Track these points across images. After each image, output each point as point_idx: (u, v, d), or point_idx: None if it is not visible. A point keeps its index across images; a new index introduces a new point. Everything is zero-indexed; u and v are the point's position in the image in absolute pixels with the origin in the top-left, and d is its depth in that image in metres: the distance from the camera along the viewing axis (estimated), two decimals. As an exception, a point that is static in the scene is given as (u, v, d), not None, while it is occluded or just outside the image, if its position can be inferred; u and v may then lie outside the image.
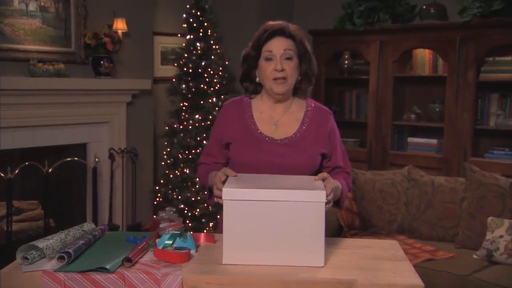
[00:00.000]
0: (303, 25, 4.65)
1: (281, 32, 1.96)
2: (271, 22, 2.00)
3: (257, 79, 2.04)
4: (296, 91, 2.06)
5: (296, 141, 2.01)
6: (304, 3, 5.51)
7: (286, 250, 1.68)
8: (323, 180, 1.81)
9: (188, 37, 4.85)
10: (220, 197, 1.71)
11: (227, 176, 1.83)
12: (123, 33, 4.46)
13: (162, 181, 4.91)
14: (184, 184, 4.79)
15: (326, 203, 1.70)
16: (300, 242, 1.67)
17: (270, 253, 1.68)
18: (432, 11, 4.57)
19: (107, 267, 1.61)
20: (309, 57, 2.02)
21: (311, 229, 1.67)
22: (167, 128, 4.93)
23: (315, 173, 1.96)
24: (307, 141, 2.01)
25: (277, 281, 1.59)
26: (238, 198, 1.67)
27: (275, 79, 1.97)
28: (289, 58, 1.96)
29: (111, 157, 4.51)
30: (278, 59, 1.95)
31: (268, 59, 1.97)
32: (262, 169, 1.94)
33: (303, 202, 1.66)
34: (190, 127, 4.77)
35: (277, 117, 2.05)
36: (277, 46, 1.96)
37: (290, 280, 1.59)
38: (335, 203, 2.00)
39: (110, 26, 4.37)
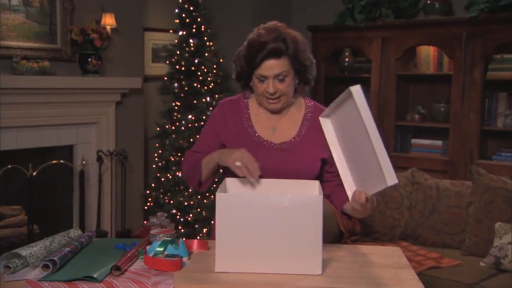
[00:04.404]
0: (301, 21, 4.70)
1: (273, 54, 1.91)
2: (263, 32, 1.94)
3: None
4: (295, 91, 2.06)
5: (295, 145, 2.02)
6: (302, -2, 5.53)
7: (281, 258, 1.68)
8: (366, 199, 1.75)
9: (180, 33, 4.85)
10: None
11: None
12: (112, 28, 4.46)
13: (153, 185, 4.91)
14: (177, 188, 4.78)
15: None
16: (297, 249, 1.68)
17: (265, 261, 1.68)
18: (437, 6, 4.59)
19: (95, 276, 1.61)
20: (306, 69, 1.99)
21: (308, 235, 1.67)
22: (158, 129, 4.93)
23: (315, 178, 1.97)
24: (307, 145, 2.02)
25: (274, 290, 1.60)
26: (232, 203, 1.67)
27: (269, 98, 1.98)
28: (282, 80, 1.95)
29: (99, 159, 4.51)
30: (270, 82, 1.94)
31: (261, 80, 1.96)
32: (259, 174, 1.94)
33: (300, 207, 1.66)
34: (183, 128, 4.78)
35: (275, 120, 2.06)
36: (269, 70, 1.93)
37: (288, 289, 1.60)
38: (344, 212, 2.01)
39: (98, 22, 4.37)
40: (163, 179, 4.82)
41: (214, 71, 4.85)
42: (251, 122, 2.05)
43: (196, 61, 4.79)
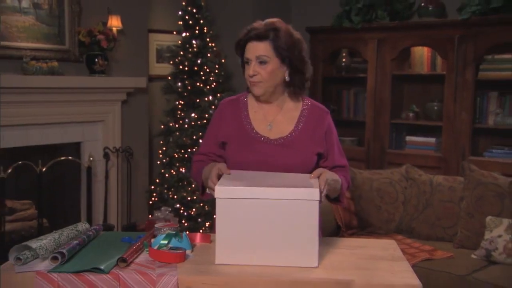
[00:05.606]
0: (300, 23, 4.69)
1: (256, 37, 1.96)
2: (254, 24, 2.00)
3: None
4: (291, 88, 2.05)
5: (291, 140, 2.02)
6: (301, 0, 5.51)
7: (279, 250, 1.68)
8: (319, 176, 1.81)
9: (183, 34, 4.85)
10: (213, 189, 1.74)
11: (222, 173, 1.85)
12: (117, 30, 4.45)
13: (157, 180, 4.91)
14: (180, 184, 4.78)
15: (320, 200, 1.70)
16: (293, 242, 1.67)
17: (263, 253, 1.68)
18: (430, 8, 4.58)
19: (102, 267, 1.61)
20: (291, 53, 1.97)
21: (305, 228, 1.67)
22: (162, 127, 4.92)
23: (310, 173, 1.97)
24: (303, 140, 2.02)
25: (273, 281, 1.60)
26: (231, 196, 1.67)
27: (251, 82, 2.00)
28: (263, 62, 1.96)
29: (106, 156, 4.51)
30: (251, 64, 1.97)
31: (246, 63, 2.00)
32: (257, 169, 1.95)
33: (296, 200, 1.66)
34: (186, 125, 4.77)
35: (271, 116, 2.06)
36: (251, 52, 1.97)
37: (286, 281, 1.60)
38: (334, 199, 2.01)
39: (105, 24, 4.37)
40: (167, 175, 4.82)
41: (216, 71, 4.85)
42: (249, 119, 2.06)
43: (198, 61, 4.78)
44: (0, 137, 3.79)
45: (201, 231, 4.60)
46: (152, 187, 4.92)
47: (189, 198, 4.72)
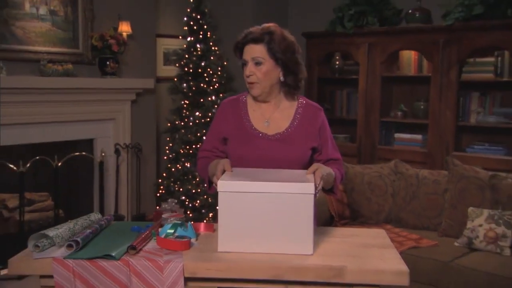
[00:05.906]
0: (297, 28, 4.69)
1: (252, 40, 1.97)
2: (251, 28, 2.00)
3: None
4: (286, 88, 2.05)
5: (287, 136, 2.02)
6: (297, 8, 5.51)
7: (277, 239, 1.68)
8: (314, 172, 1.81)
9: (189, 39, 4.84)
10: None
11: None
12: (127, 35, 4.45)
13: (164, 174, 4.91)
14: (185, 177, 4.78)
15: (315, 194, 1.71)
16: (290, 232, 1.68)
17: (262, 242, 1.68)
18: (417, 15, 4.58)
19: (113, 254, 1.61)
20: (285, 55, 1.96)
21: (300, 219, 1.67)
22: (169, 124, 4.92)
23: (306, 166, 1.97)
24: (298, 136, 2.02)
25: (271, 267, 1.60)
26: (232, 190, 1.67)
27: (248, 82, 2.00)
28: (258, 63, 1.96)
29: (117, 152, 4.51)
30: (248, 65, 1.98)
31: (244, 64, 2.01)
32: (256, 162, 1.95)
33: (293, 194, 1.66)
34: (191, 123, 4.77)
35: (269, 114, 2.06)
36: (248, 54, 1.98)
37: (283, 267, 1.60)
38: (329, 190, 2.01)
39: (116, 29, 4.36)
40: (173, 169, 4.82)
41: (219, 73, 4.84)
42: (248, 116, 2.06)
43: (202, 64, 4.78)
44: (1, 134, 3.78)
45: (205, 221, 4.60)
46: (160, 180, 4.92)
47: (193, 191, 4.72)
